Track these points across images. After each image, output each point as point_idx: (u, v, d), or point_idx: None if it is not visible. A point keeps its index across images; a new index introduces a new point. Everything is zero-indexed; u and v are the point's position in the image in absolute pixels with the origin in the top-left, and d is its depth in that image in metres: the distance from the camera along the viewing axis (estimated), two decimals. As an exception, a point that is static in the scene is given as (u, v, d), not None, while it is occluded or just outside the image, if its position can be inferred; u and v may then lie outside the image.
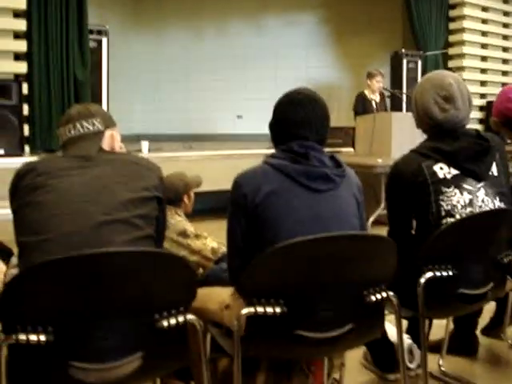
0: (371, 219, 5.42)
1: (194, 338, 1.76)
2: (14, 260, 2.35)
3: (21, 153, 5.74)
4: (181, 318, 1.66)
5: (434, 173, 2.27)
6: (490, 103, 9.01)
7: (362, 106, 7.43)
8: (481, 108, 9.18)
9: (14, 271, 2.22)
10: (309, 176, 1.92)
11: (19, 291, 1.52)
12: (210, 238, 2.89)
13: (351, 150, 7.26)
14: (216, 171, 6.03)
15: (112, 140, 2.07)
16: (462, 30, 9.07)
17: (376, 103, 7.51)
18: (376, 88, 7.44)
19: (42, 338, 1.51)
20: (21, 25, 6.05)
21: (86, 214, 1.73)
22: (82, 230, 1.70)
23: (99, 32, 6.95)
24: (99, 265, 1.54)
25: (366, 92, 7.52)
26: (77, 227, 1.71)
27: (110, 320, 1.57)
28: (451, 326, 2.87)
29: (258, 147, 7.24)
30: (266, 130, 2.15)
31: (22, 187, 1.82)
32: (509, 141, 3.09)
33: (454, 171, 2.27)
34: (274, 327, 1.77)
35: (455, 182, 2.26)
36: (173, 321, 1.64)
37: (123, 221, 1.75)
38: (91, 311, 1.55)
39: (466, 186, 2.27)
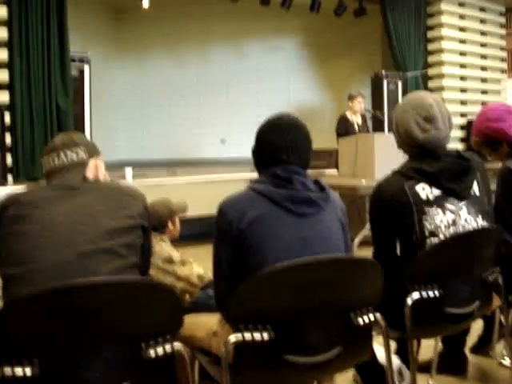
0: (357, 240, 5.43)
1: (182, 367, 1.75)
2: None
3: (4, 182, 5.71)
4: (168, 347, 1.65)
5: (417, 193, 2.29)
6: (470, 122, 9.12)
7: (344, 127, 7.48)
8: (461, 127, 9.28)
9: (-1, 303, 2.20)
10: (293, 200, 1.93)
11: (3, 324, 1.50)
12: (196, 264, 2.88)
13: (335, 171, 7.30)
14: (201, 196, 6.03)
15: (96, 169, 2.07)
16: (441, 50, 9.21)
17: (358, 125, 7.56)
18: (358, 109, 7.50)
19: (28, 370, 1.49)
20: (2, 54, 6.06)
21: (71, 243, 1.72)
22: (67, 260, 1.69)
23: (81, 60, 6.97)
24: (84, 295, 1.52)
25: (348, 114, 7.58)
26: (61, 257, 1.70)
27: (96, 350, 1.56)
28: (440, 345, 2.87)
29: (243, 171, 7.26)
30: (249, 154, 2.16)
31: (5, 218, 1.81)
32: (489, 159, 3.11)
33: (436, 191, 2.29)
34: (262, 353, 1.76)
35: (438, 201, 2.28)
36: (160, 350, 1.63)
37: (108, 250, 1.74)
38: (77, 342, 1.53)
39: (448, 205, 2.28)
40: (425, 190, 2.30)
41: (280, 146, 2.02)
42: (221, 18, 10.27)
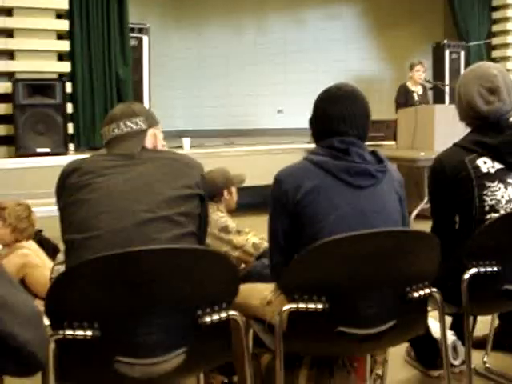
0: (414, 213, 5.36)
1: (237, 334, 1.78)
2: (61, 257, 2.41)
3: (66, 151, 5.85)
4: (223, 314, 1.68)
5: (478, 167, 2.24)
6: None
7: (403, 98, 7.35)
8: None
9: (61, 268, 2.28)
10: (350, 172, 1.91)
11: (66, 288, 1.56)
12: (252, 234, 2.91)
13: (393, 143, 7.19)
14: (257, 166, 6.05)
15: (155, 138, 2.09)
16: (506, 19, 8.87)
17: (418, 95, 7.41)
18: (417, 77, 7.34)
19: (89, 333, 1.55)
20: (63, 25, 6.17)
21: (130, 211, 1.76)
22: (126, 228, 1.73)
23: (140, 30, 7.04)
24: (143, 262, 1.56)
25: (409, 84, 7.43)
26: (121, 225, 1.74)
27: (154, 316, 1.60)
28: (496, 322, 2.83)
29: (299, 142, 7.24)
30: (306, 125, 2.15)
31: (67, 186, 1.86)
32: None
33: (498, 165, 2.24)
34: (316, 323, 1.77)
35: (499, 176, 2.23)
36: (215, 317, 1.66)
37: (166, 218, 1.78)
38: (135, 307, 1.58)
39: (510, 180, 2.23)
40: (486, 164, 2.25)
41: (338, 116, 2.00)
42: (278, -14, 10.17)
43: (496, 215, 2.19)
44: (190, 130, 8.95)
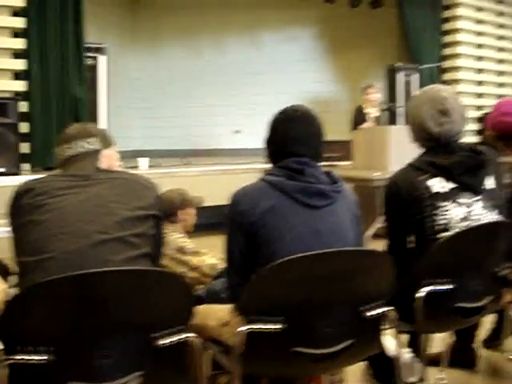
0: (369, 233, 5.42)
1: (194, 356, 1.77)
2: (13, 279, 2.35)
3: (19, 171, 5.75)
4: (179, 336, 1.66)
5: (430, 187, 2.28)
6: (486, 114, 9.04)
7: (359, 119, 7.46)
8: (477, 120, 9.21)
9: (13, 291, 2.23)
10: (305, 192, 1.93)
11: (19, 311, 1.52)
12: (209, 255, 2.90)
13: (349, 163, 7.28)
14: (214, 186, 6.05)
15: (110, 159, 2.08)
16: (457, 43, 9.13)
17: (373, 117, 7.53)
18: (372, 99, 7.47)
19: (43, 357, 1.52)
20: (19, 43, 6.09)
21: (84, 233, 1.74)
22: (80, 250, 1.71)
23: (97, 49, 7.00)
24: (97, 284, 1.54)
25: (363, 106, 7.55)
26: (75, 247, 1.71)
27: (109, 339, 1.57)
28: (451, 338, 2.87)
29: (256, 162, 7.27)
30: (263, 145, 2.16)
31: (20, 207, 1.83)
32: (504, 154, 3.10)
33: (450, 185, 2.28)
34: (273, 344, 1.78)
35: (451, 195, 2.27)
36: (171, 339, 1.64)
37: (120, 240, 1.76)
38: (90, 330, 1.55)
39: (462, 199, 2.28)
40: (439, 184, 2.29)
41: (293, 137, 2.02)
42: (237, 8, 10.25)
43: (448, 234, 2.23)
44: (148, 150, 8.89)
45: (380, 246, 2.33)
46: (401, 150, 5.25)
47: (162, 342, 1.63)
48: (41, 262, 1.71)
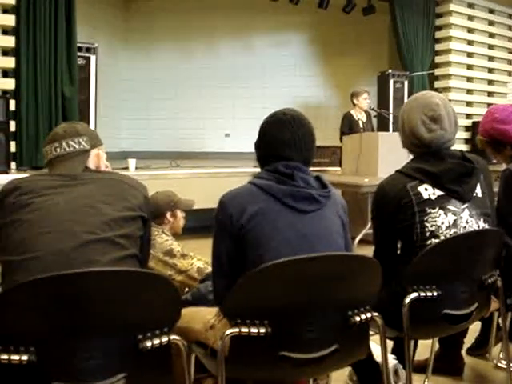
0: (358, 238, 5.43)
1: (178, 359, 1.75)
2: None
3: (7, 170, 5.71)
4: (164, 339, 1.65)
5: (419, 194, 2.28)
6: (475, 123, 9.10)
7: (348, 125, 7.47)
8: (467, 128, 9.27)
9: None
10: (294, 197, 1.93)
11: (1, 311, 1.51)
12: (197, 258, 2.88)
13: (338, 169, 7.30)
14: (203, 189, 6.04)
15: (98, 159, 2.07)
16: (448, 51, 9.19)
17: (363, 123, 7.55)
18: (364, 105, 7.47)
19: (24, 358, 1.49)
20: (9, 41, 6.06)
21: (71, 233, 1.73)
22: (66, 250, 1.70)
23: (88, 49, 6.98)
24: (82, 284, 1.53)
25: (353, 112, 7.56)
26: (60, 246, 1.70)
27: (93, 340, 1.56)
28: (436, 345, 2.88)
29: (246, 165, 7.27)
30: (253, 149, 2.16)
31: (6, 205, 1.81)
32: (494, 160, 3.11)
33: (439, 192, 2.28)
34: (258, 348, 1.77)
35: (439, 202, 2.27)
36: (156, 341, 1.63)
37: (107, 240, 1.75)
38: (73, 331, 1.54)
39: (450, 207, 2.28)
40: (427, 191, 2.29)
41: (283, 141, 2.01)
42: (228, 12, 10.27)
43: (436, 241, 2.23)
44: (136, 152, 8.89)
45: (368, 251, 2.32)
46: (390, 156, 5.28)
47: (146, 344, 1.61)
48: (24, 261, 1.69)
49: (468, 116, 9.33)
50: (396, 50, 9.28)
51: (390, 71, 8.95)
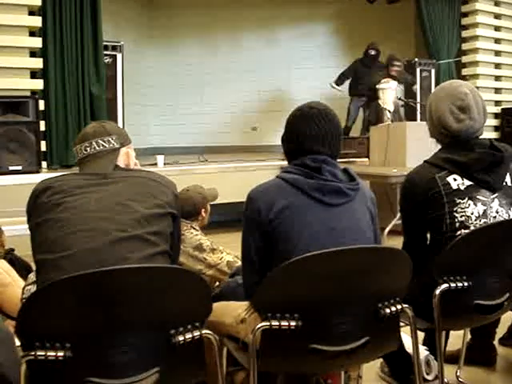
0: (387, 230, 5.40)
1: (210, 353, 1.77)
2: (32, 276, 2.38)
3: (38, 169, 5.80)
4: (196, 333, 1.67)
5: (448, 184, 2.27)
6: (504, 110, 8.97)
7: (375, 115, 7.43)
8: (496, 115, 9.13)
9: (32, 288, 2.25)
10: (322, 190, 1.93)
11: (37, 308, 1.54)
12: (226, 252, 2.91)
13: (366, 160, 7.26)
14: (231, 183, 6.06)
15: (127, 157, 2.10)
16: (475, 37, 9.05)
17: (390, 113, 7.50)
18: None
19: (60, 354, 1.53)
20: (37, 42, 6.14)
21: (102, 231, 1.76)
22: (99, 248, 1.72)
23: (114, 47, 7.06)
24: (115, 282, 1.55)
25: (380, 102, 7.51)
26: (93, 244, 1.73)
27: (127, 336, 1.59)
28: (468, 336, 2.86)
29: (273, 159, 7.27)
30: (279, 142, 2.16)
31: (38, 205, 1.85)
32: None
33: (468, 182, 2.27)
34: (289, 341, 1.78)
35: (469, 193, 2.26)
36: (189, 336, 1.65)
37: (138, 237, 1.77)
38: (107, 327, 1.57)
39: (479, 196, 2.26)
40: (456, 181, 2.28)
41: (309, 135, 2.02)
42: (252, 4, 10.26)
43: (466, 231, 2.21)
44: (164, 147, 8.96)
45: (397, 243, 2.32)
46: (418, 146, 5.24)
47: (179, 338, 1.64)
48: (58, 259, 1.72)
49: (497, 103, 9.19)
50: (422, 38, 9.18)
51: (416, 60, 8.86)
